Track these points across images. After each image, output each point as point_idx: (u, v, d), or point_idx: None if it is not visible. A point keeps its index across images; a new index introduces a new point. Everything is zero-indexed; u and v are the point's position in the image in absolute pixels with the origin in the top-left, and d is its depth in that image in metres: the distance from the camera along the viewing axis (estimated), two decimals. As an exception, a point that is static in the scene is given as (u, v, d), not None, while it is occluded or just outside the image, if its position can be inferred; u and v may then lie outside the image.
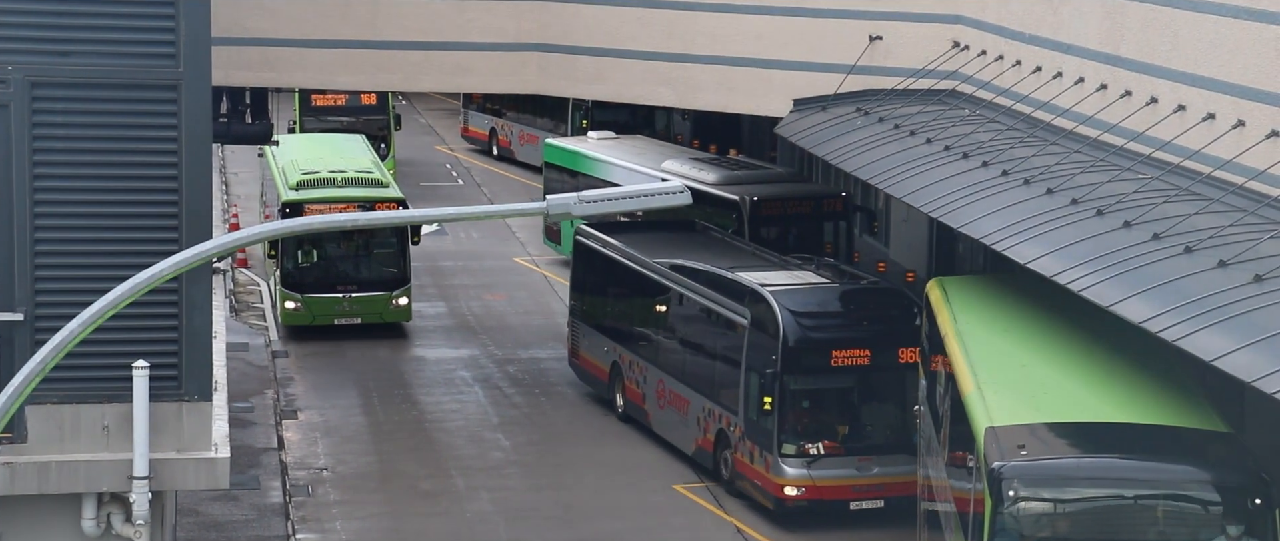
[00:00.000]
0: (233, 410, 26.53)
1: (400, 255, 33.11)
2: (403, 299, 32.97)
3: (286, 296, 32.79)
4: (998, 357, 20.25)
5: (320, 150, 37.11)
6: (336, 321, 32.83)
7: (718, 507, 25.83)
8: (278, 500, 25.37)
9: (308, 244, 32.85)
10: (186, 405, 13.95)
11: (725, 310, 25.50)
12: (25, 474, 13.60)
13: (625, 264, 28.63)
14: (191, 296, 14.04)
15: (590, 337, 29.82)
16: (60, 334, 10.18)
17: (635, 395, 28.22)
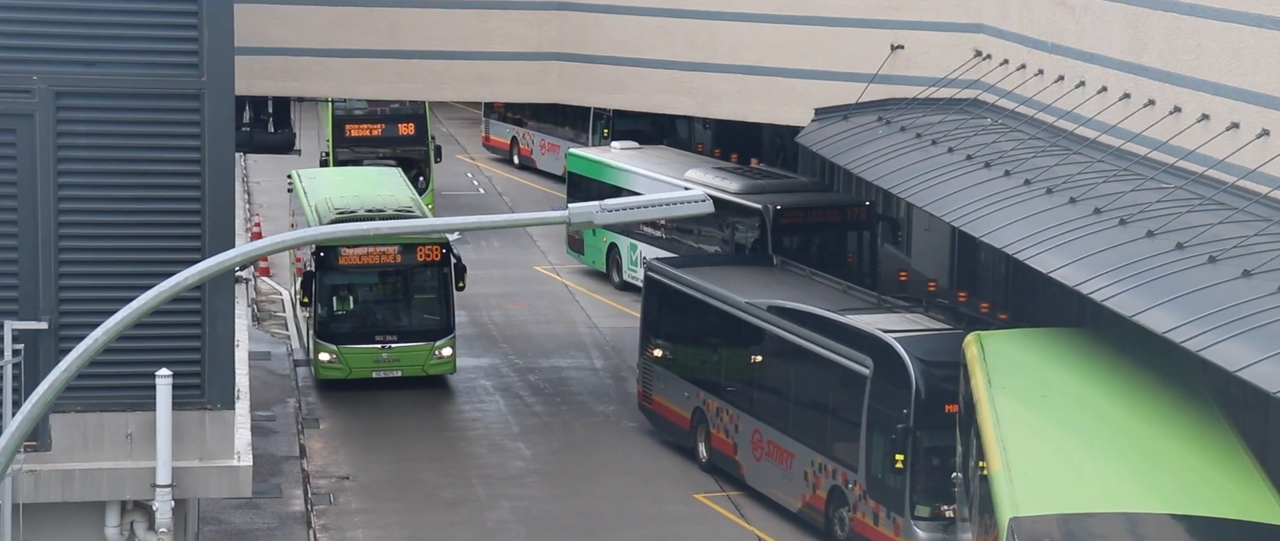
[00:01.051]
0: (255, 418, 26.55)
1: (443, 302, 30.27)
2: (447, 349, 30.22)
3: (321, 347, 29.94)
4: (1032, 431, 18.29)
5: (355, 185, 34.22)
6: (375, 374, 30.08)
7: (739, 516, 25.79)
8: (299, 508, 25.40)
9: (343, 291, 30.22)
10: (209, 413, 13.98)
11: (841, 358, 23.34)
12: (49, 481, 13.64)
13: (712, 304, 26.46)
14: (214, 305, 14.07)
15: (667, 381, 27.77)
16: (84, 342, 10.21)
17: (724, 445, 26.21)
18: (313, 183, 34.42)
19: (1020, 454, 17.42)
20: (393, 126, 42.19)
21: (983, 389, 19.45)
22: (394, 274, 30.36)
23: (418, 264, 30.17)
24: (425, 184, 41.59)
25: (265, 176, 47.49)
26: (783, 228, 31.75)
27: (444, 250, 30.05)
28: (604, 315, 35.86)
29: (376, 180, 35.12)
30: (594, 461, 27.70)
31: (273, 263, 38.59)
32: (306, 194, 33.32)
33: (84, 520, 13.89)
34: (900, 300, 25.50)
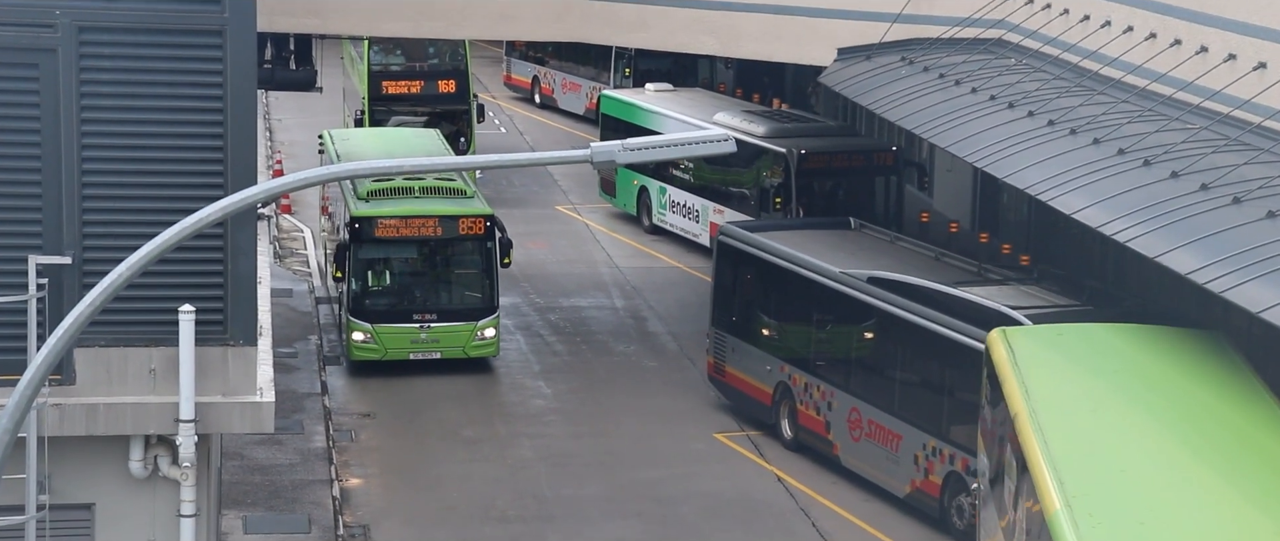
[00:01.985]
0: (277, 355, 26.67)
1: (487, 279, 28.08)
2: (490, 330, 28.03)
3: (354, 326, 27.80)
4: (1091, 456, 15.67)
5: (390, 150, 32.20)
6: (412, 356, 27.84)
7: (759, 456, 25.86)
8: (321, 445, 25.53)
9: (379, 265, 28.03)
10: (232, 349, 14.03)
11: (961, 335, 21.76)
12: (73, 415, 13.72)
13: (799, 273, 25.01)
14: (236, 241, 14.09)
15: (744, 353, 26.33)
16: (108, 277, 10.24)
17: (813, 422, 24.89)
18: (345, 145, 32.18)
19: (1082, 487, 14.78)
20: (432, 83, 39.09)
21: (1020, 400, 17.31)
22: (434, 248, 28.04)
23: (460, 237, 27.94)
24: (466, 145, 38.48)
25: (287, 114, 47.47)
26: (807, 172, 31.45)
27: (488, 223, 27.83)
28: (625, 255, 35.86)
29: (413, 145, 32.75)
30: (614, 400, 27.77)
31: (294, 200, 38.65)
32: (339, 157, 31.25)
33: (108, 454, 13.97)
34: (1003, 271, 24.14)
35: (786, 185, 31.46)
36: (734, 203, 33.36)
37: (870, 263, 24.37)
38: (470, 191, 28.82)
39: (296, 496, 23.63)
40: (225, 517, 22.68)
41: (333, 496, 23.62)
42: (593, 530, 23.02)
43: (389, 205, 28.00)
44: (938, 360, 22.50)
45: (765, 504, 24.20)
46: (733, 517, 23.68)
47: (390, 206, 27.96)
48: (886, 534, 23.30)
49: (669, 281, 34.16)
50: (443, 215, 27.82)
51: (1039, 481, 15.53)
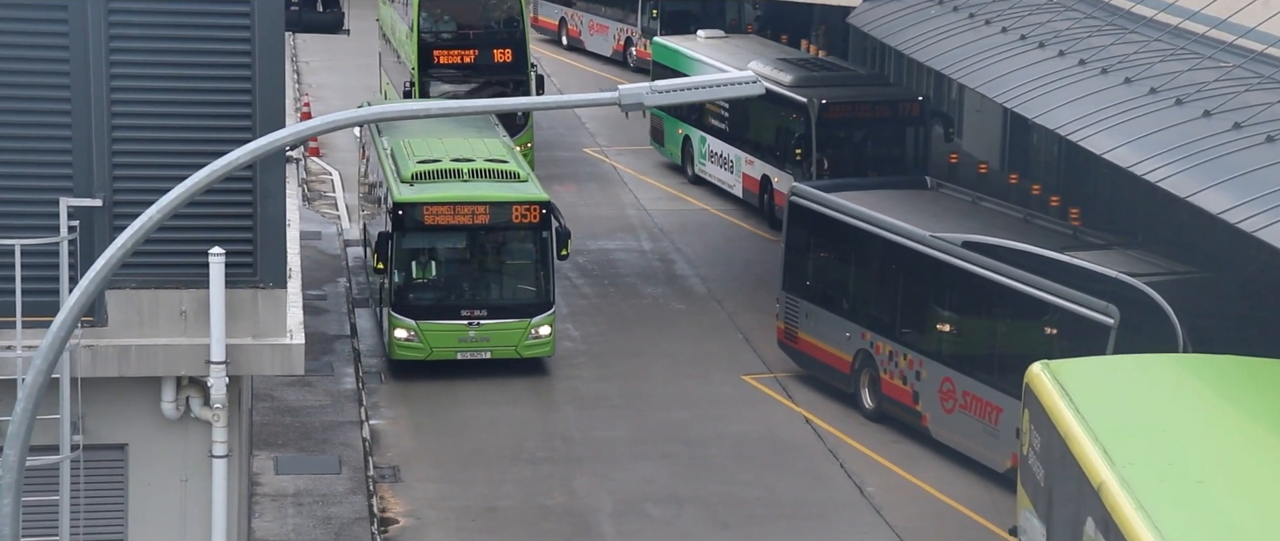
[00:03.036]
0: (306, 297, 26.75)
1: (542, 272, 25.60)
2: (545, 328, 25.51)
3: (397, 323, 25.33)
4: (1182, 494, 14.27)
5: (437, 124, 29.47)
6: (459, 356, 25.36)
7: (787, 398, 25.90)
8: (351, 386, 25.65)
9: (424, 256, 25.56)
10: (261, 292, 14.07)
11: (1071, 304, 20.89)
12: (106, 356, 13.80)
13: (882, 236, 24.03)
14: (266, 184, 14.11)
15: (820, 319, 25.29)
16: (139, 220, 10.26)
17: (899, 392, 23.92)
18: (387, 122, 29.60)
19: (1181, 530, 13.44)
20: (487, 53, 35.66)
21: (1085, 440, 15.24)
22: (485, 237, 25.56)
23: (512, 226, 25.38)
24: (524, 119, 35.21)
25: (314, 56, 47.45)
26: (828, 122, 30.78)
27: (544, 210, 25.32)
28: (653, 198, 35.83)
29: (461, 119, 29.81)
30: (642, 343, 27.80)
31: (323, 142, 38.67)
32: (379, 133, 28.51)
33: (141, 395, 14.05)
34: (1101, 234, 23.13)
35: (807, 136, 31.08)
36: (762, 154, 33.08)
37: (955, 225, 23.51)
38: (524, 174, 26.17)
39: (327, 437, 23.76)
40: (256, 458, 22.83)
41: (363, 438, 23.76)
42: (621, 472, 23.11)
43: (435, 190, 25.44)
44: (1043, 329, 21.43)
45: (794, 445, 24.25)
46: (761, 459, 23.74)
47: (436, 191, 25.38)
48: (915, 476, 23.33)
49: (698, 224, 34.13)
50: (494, 201, 25.25)
51: (1129, 528, 13.73)
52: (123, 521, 14.14)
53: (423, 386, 25.84)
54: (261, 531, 20.90)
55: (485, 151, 26.89)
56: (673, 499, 22.41)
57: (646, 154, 38.51)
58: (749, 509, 22.10)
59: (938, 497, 22.67)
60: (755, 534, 21.36)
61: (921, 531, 21.64)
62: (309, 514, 21.44)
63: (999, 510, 22.30)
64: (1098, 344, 20.47)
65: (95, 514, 13.99)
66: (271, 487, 22.16)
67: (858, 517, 22.02)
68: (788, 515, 22.02)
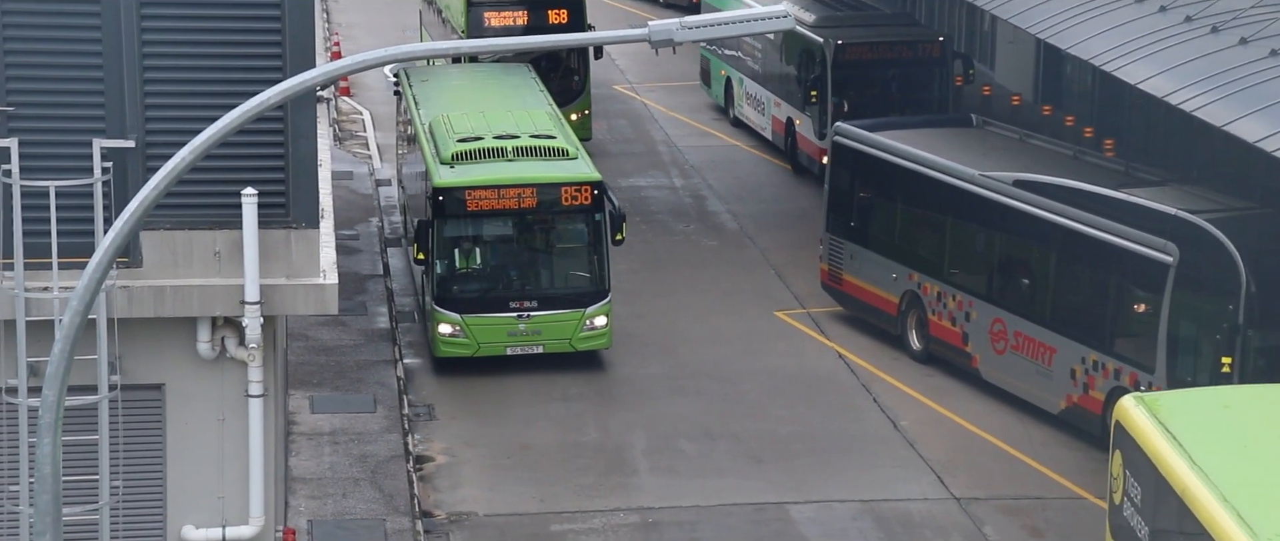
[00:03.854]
0: (339, 237, 26.84)
1: (595, 258, 23.70)
2: (600, 318, 23.59)
3: (440, 317, 23.37)
4: None
5: (479, 94, 27.04)
6: (509, 351, 23.47)
7: (820, 334, 25.90)
8: (384, 326, 25.75)
9: (468, 244, 23.61)
10: (294, 232, 14.10)
11: (1129, 242, 20.60)
12: (141, 297, 13.87)
13: (930, 175, 23.62)
14: (296, 124, 14.12)
15: (865, 260, 24.97)
16: (172, 160, 10.29)
17: (948, 333, 23.63)
18: (425, 88, 27.30)
19: None
20: (540, 13, 33.04)
21: (1197, 482, 13.78)
22: (533, 222, 23.62)
23: (563, 209, 23.49)
24: (581, 85, 33.01)
25: (342, -3, 47.39)
26: (845, 63, 30.13)
27: (595, 191, 23.37)
28: (683, 134, 35.74)
29: (504, 86, 27.76)
30: (674, 279, 27.80)
31: (353, 82, 38.67)
32: (418, 104, 26.47)
33: (176, 335, 14.13)
34: (1153, 170, 22.60)
35: (822, 78, 30.60)
36: (788, 96, 32.71)
37: (1004, 163, 23.10)
38: (573, 151, 24.11)
39: (361, 376, 23.88)
40: (292, 397, 22.96)
41: (397, 376, 23.87)
42: (655, 407, 23.17)
43: (478, 171, 23.45)
44: (1102, 269, 21.18)
45: (827, 380, 24.27)
46: (794, 394, 23.77)
47: (479, 172, 23.42)
48: (948, 409, 23.34)
49: (729, 161, 34.05)
50: (542, 182, 23.27)
51: None
52: (161, 460, 14.25)
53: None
54: (298, 469, 21.05)
55: (531, 124, 24.75)
56: (706, 434, 22.47)
57: (676, 90, 38.38)
58: (782, 443, 22.15)
59: (972, 431, 22.67)
60: (789, 468, 21.42)
61: (955, 465, 21.67)
62: (345, 452, 21.58)
63: (1033, 443, 22.30)
64: (1157, 282, 20.31)
65: (134, 453, 14.10)
66: (307, 426, 22.30)
67: (891, 451, 22.05)
68: (821, 449, 22.07)
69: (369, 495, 20.44)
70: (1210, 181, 22.04)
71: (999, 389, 23.23)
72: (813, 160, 31.35)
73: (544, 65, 31.56)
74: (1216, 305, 19.64)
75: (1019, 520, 20.34)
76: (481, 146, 23.87)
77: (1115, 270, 21.14)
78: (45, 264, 13.41)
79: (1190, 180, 22.07)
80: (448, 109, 25.60)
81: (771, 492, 20.82)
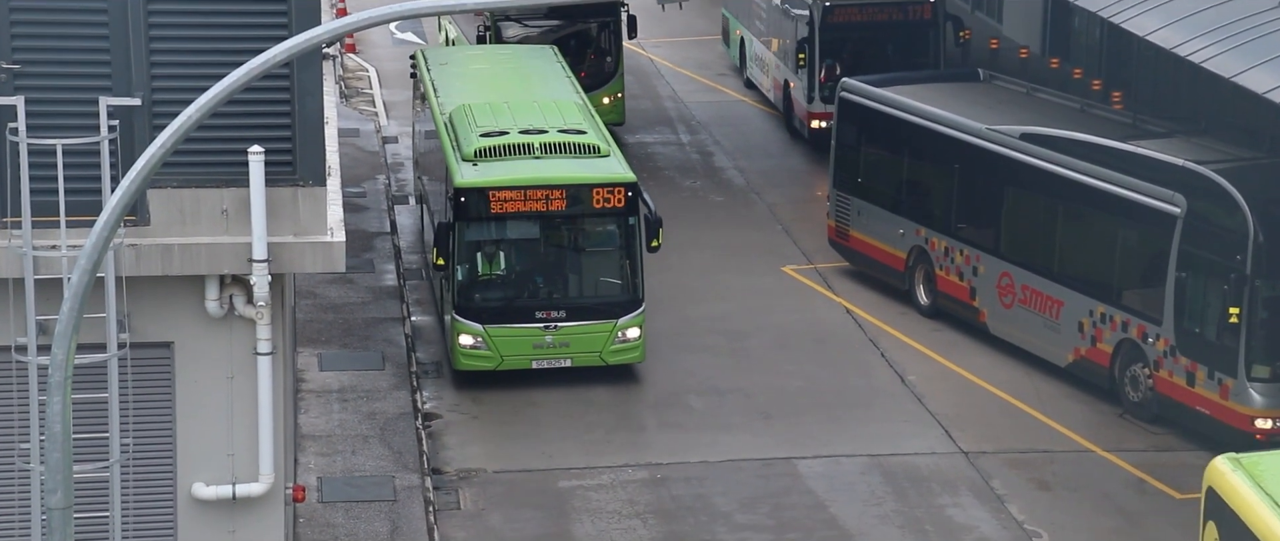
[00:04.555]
0: (346, 194, 26.84)
1: (628, 265, 22.04)
2: (633, 330, 21.98)
3: (461, 327, 21.72)
4: None
5: (502, 81, 25.29)
6: (535, 364, 21.84)
7: (827, 289, 25.90)
8: (392, 283, 25.77)
9: (491, 249, 21.95)
10: (301, 190, 14.09)
11: (1136, 194, 20.62)
12: (149, 255, 13.87)
13: (937, 130, 23.59)
14: (302, 82, 14.09)
15: (873, 216, 24.94)
16: (179, 118, 10.27)
17: (955, 288, 23.67)
18: (443, 73, 25.74)
19: None
20: None
21: None
22: (562, 226, 22.01)
23: (594, 212, 21.82)
24: (614, 67, 31.15)
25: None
26: (832, 26, 29.80)
27: (629, 193, 21.73)
28: (690, 90, 35.67)
29: (528, 71, 26.11)
30: (682, 236, 27.80)
31: (359, 39, 38.58)
32: (436, 90, 24.91)
33: (184, 293, 14.13)
34: (1162, 122, 22.52)
35: (810, 39, 30.11)
36: (783, 57, 32.37)
37: (1011, 116, 23.06)
38: (605, 147, 22.43)
39: (369, 334, 23.92)
40: (300, 355, 23.01)
41: (405, 333, 23.90)
42: (662, 364, 23.20)
43: (502, 170, 21.80)
44: (1110, 221, 21.17)
45: (834, 336, 24.29)
46: (802, 350, 23.80)
47: (504, 172, 21.76)
48: (956, 363, 23.36)
49: (736, 117, 33.99)
50: (572, 183, 21.62)
51: None
52: (170, 418, 14.28)
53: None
54: (308, 427, 21.12)
55: (558, 116, 23.09)
56: (714, 390, 22.51)
57: (684, 46, 38.29)
58: (790, 399, 22.19)
59: (979, 385, 22.70)
60: (797, 423, 21.46)
61: (963, 419, 21.70)
62: (354, 409, 21.64)
63: (1040, 396, 22.33)
64: (1164, 234, 20.34)
65: (143, 411, 14.14)
66: (316, 384, 22.35)
67: (899, 406, 22.09)
68: (829, 404, 22.10)
69: (378, 452, 20.51)
70: (1218, 132, 22.05)
71: (1006, 343, 23.27)
72: (803, 124, 31.15)
73: (572, 44, 30.14)
74: (1224, 256, 19.66)
75: (1026, 473, 20.39)
76: (506, 142, 22.16)
77: (1123, 222, 21.15)
78: (53, 222, 13.41)
79: (1198, 131, 22.06)
80: (469, 98, 23.99)
81: (779, 448, 20.87)
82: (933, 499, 19.69)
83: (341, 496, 19.48)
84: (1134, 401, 21.32)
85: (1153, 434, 21.21)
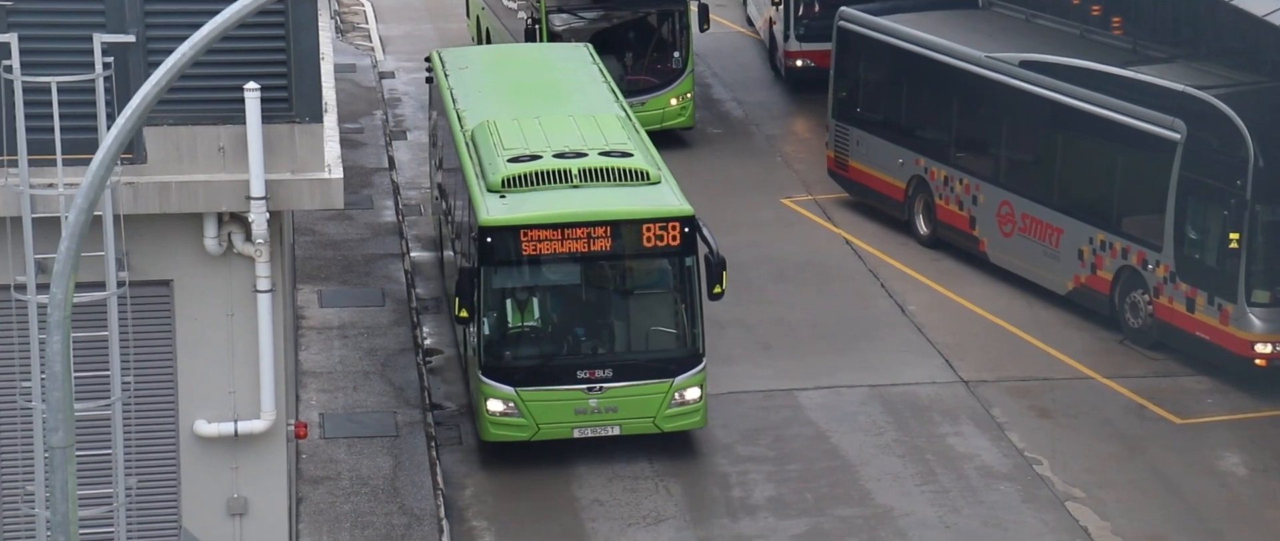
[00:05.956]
0: (343, 131, 26.78)
1: (685, 313, 18.63)
2: (693, 390, 18.60)
3: (489, 392, 18.41)
4: None
5: (530, 91, 21.80)
6: (577, 432, 18.51)
7: (827, 221, 25.88)
8: (391, 219, 25.75)
9: (524, 298, 18.41)
10: (298, 126, 14.03)
11: (1135, 120, 20.51)
12: (147, 193, 13.84)
13: (936, 58, 23.47)
14: (297, 17, 14.01)
15: (872, 146, 24.82)
16: (173, 55, 10.21)
17: (955, 217, 23.58)
18: (463, 80, 22.23)
19: None
20: None
21: None
22: (606, 270, 18.51)
23: (643, 252, 18.39)
24: (682, 64, 27.43)
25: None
26: None
27: (685, 228, 18.31)
28: (687, 21, 35.50)
29: (562, 76, 22.65)
30: (679, 167, 27.73)
31: None
32: (455, 99, 21.48)
33: (183, 231, 14.12)
34: (1163, 47, 22.33)
35: None
36: None
37: (1010, 44, 22.91)
38: (655, 172, 18.98)
39: (369, 270, 23.92)
40: (300, 292, 23.02)
41: (405, 270, 23.90)
42: (663, 296, 23.19)
43: (535, 203, 18.38)
44: (1109, 148, 21.03)
45: (834, 266, 24.29)
46: (803, 281, 23.80)
47: (537, 207, 18.33)
48: (956, 293, 23.37)
49: (734, 49, 33.85)
50: (617, 219, 18.21)
51: None
52: (171, 356, 14.30)
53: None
54: (308, 363, 21.15)
55: (599, 135, 19.63)
56: (714, 322, 22.53)
57: None
58: (791, 329, 22.21)
59: (979, 314, 22.72)
60: (797, 354, 21.50)
61: (963, 348, 21.74)
62: (354, 345, 21.66)
63: (1040, 324, 22.36)
64: (1164, 160, 20.27)
65: (144, 349, 14.15)
66: (316, 320, 22.37)
67: (899, 336, 22.11)
68: (830, 335, 22.13)
69: (379, 388, 20.55)
70: (1219, 57, 21.96)
71: (1006, 271, 23.27)
72: (782, 62, 30.71)
73: (631, 36, 27.32)
74: (1225, 181, 19.62)
75: (1026, 401, 20.44)
76: (539, 169, 18.66)
77: (1123, 149, 21.08)
78: (50, 161, 13.38)
79: (1199, 56, 21.97)
80: (493, 110, 20.56)
81: (780, 379, 20.91)
82: (933, 428, 19.75)
83: (343, 432, 19.54)
84: (1134, 328, 21.35)
85: (1152, 360, 21.25)
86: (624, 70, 27.29)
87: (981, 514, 18.00)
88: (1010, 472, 18.80)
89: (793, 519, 17.91)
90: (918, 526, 17.74)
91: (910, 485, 18.55)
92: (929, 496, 18.32)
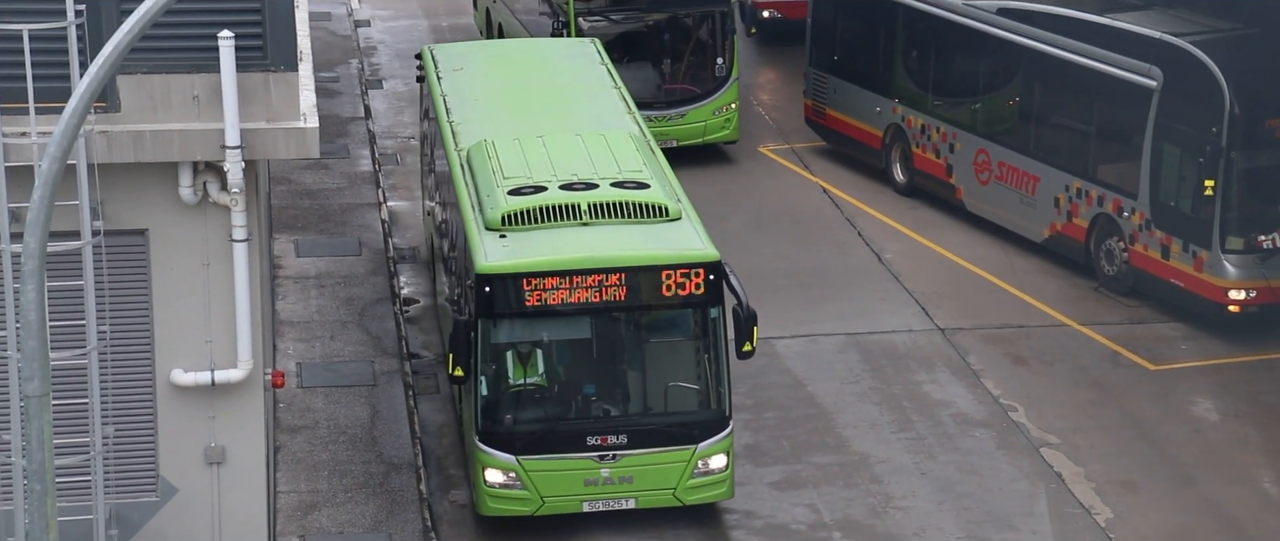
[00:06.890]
0: (318, 80, 26.68)
1: (709, 371, 16.45)
2: (718, 457, 16.39)
3: (488, 461, 16.22)
4: None
5: (532, 100, 19.53)
6: (587, 506, 16.31)
7: (804, 169, 25.90)
8: (367, 168, 25.69)
9: (527, 354, 16.24)
10: (273, 75, 13.98)
11: (1112, 67, 20.57)
12: (121, 142, 13.79)
13: (914, 6, 23.44)
14: (272, -36, 13.94)
15: (848, 94, 24.73)
16: (146, 3, 10.16)
17: (932, 166, 23.58)
18: (457, 83, 19.91)
19: None
20: None
21: None
22: (620, 323, 16.33)
23: (663, 303, 16.20)
24: (726, 70, 24.85)
25: None
26: None
27: (710, 275, 16.16)
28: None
29: (568, 80, 20.42)
30: (658, 116, 27.72)
31: None
32: (448, 109, 19.18)
33: (158, 180, 14.07)
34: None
35: None
36: None
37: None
38: (674, 208, 16.79)
39: (345, 219, 23.89)
40: (277, 241, 22.98)
41: (382, 219, 23.87)
42: (640, 245, 23.18)
43: (539, 244, 16.22)
44: (1085, 96, 21.09)
45: (811, 215, 24.33)
46: (780, 229, 23.84)
47: (541, 248, 16.17)
48: (932, 241, 23.43)
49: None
50: (632, 265, 16.00)
51: None
52: (147, 305, 14.28)
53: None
54: (285, 313, 21.14)
55: (611, 158, 17.45)
56: (692, 271, 22.54)
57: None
58: (769, 279, 22.26)
59: (956, 262, 22.80)
60: (775, 302, 21.55)
61: (940, 296, 21.81)
62: (331, 295, 21.65)
63: (1016, 272, 22.44)
64: (1140, 107, 20.29)
65: (120, 298, 14.13)
66: (293, 270, 22.34)
67: (876, 284, 22.18)
68: (807, 284, 22.19)
69: (356, 337, 20.56)
70: (1195, 4, 21.96)
71: (983, 219, 23.34)
72: (748, 11, 29.70)
73: (667, 40, 24.66)
74: (1200, 128, 19.65)
75: (1002, 348, 20.54)
76: (544, 203, 16.47)
77: (1099, 96, 21.12)
78: (22, 109, 13.31)
79: (1175, 3, 21.98)
80: (491, 126, 18.36)
81: (757, 327, 20.93)
82: (909, 375, 19.84)
83: (321, 381, 19.55)
84: (1109, 275, 21.43)
85: (1127, 307, 21.36)
86: (660, 79, 24.61)
87: (957, 460, 18.11)
88: (985, 419, 18.91)
89: (769, 466, 18.00)
90: (894, 473, 17.85)
91: (886, 432, 18.64)
92: (905, 443, 18.43)
